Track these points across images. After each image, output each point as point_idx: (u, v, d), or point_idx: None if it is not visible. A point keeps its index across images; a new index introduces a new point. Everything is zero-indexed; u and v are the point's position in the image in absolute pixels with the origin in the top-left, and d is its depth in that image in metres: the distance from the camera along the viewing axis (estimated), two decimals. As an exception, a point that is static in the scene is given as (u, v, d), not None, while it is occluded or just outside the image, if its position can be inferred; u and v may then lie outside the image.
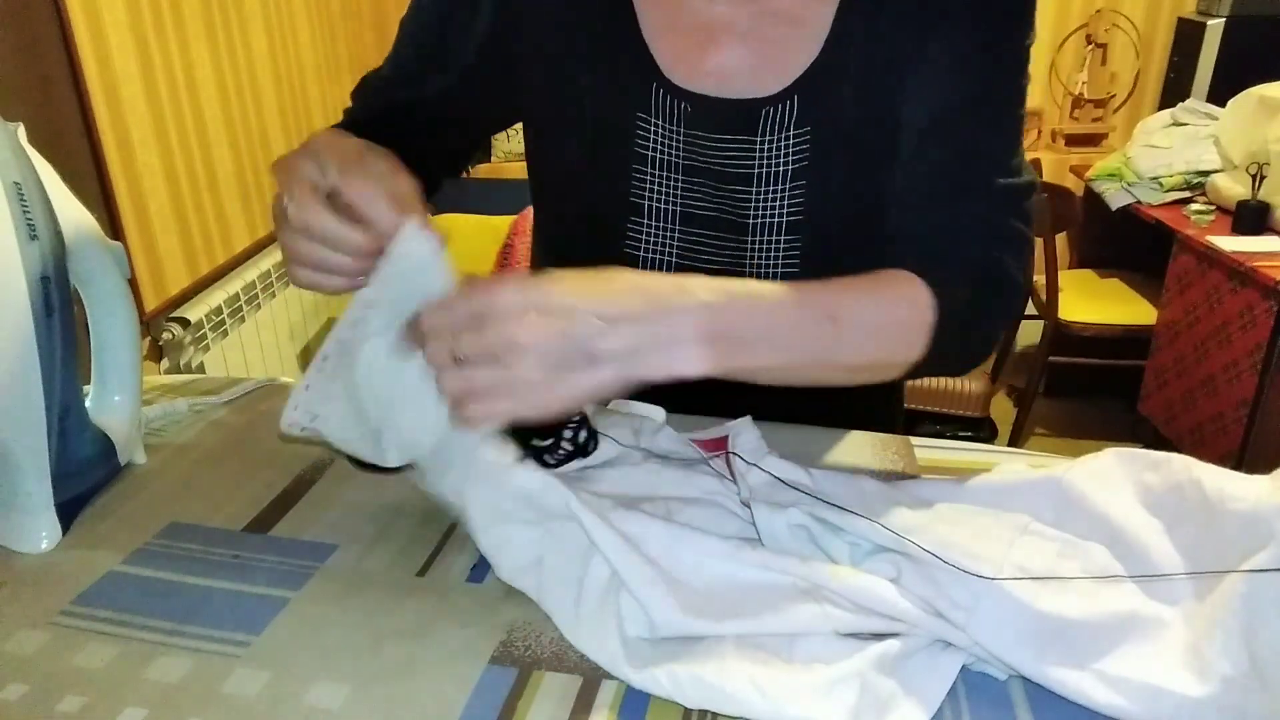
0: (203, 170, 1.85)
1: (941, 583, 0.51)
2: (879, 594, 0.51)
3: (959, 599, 0.50)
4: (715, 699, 0.47)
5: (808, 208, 0.71)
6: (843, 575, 0.52)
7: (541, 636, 0.53)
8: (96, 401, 0.71)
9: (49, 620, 0.55)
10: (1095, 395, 2.74)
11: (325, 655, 0.52)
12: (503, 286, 0.51)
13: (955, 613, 0.49)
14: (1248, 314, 1.94)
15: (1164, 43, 2.87)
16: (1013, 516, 0.56)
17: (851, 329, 0.57)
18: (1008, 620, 0.49)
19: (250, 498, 0.68)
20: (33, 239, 0.59)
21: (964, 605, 0.50)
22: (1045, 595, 0.50)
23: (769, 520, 0.57)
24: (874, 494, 0.60)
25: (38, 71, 1.45)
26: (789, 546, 0.56)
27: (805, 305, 0.57)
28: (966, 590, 0.50)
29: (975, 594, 0.50)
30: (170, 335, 1.74)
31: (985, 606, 0.49)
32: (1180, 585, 0.52)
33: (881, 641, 0.50)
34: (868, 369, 0.61)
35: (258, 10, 2.07)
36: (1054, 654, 0.48)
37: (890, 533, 0.54)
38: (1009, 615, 0.49)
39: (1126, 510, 0.56)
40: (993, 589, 0.50)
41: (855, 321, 0.58)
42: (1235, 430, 2.00)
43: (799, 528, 0.56)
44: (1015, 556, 0.52)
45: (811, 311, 0.57)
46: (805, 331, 0.56)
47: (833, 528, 0.56)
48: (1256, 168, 2.05)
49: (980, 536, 0.54)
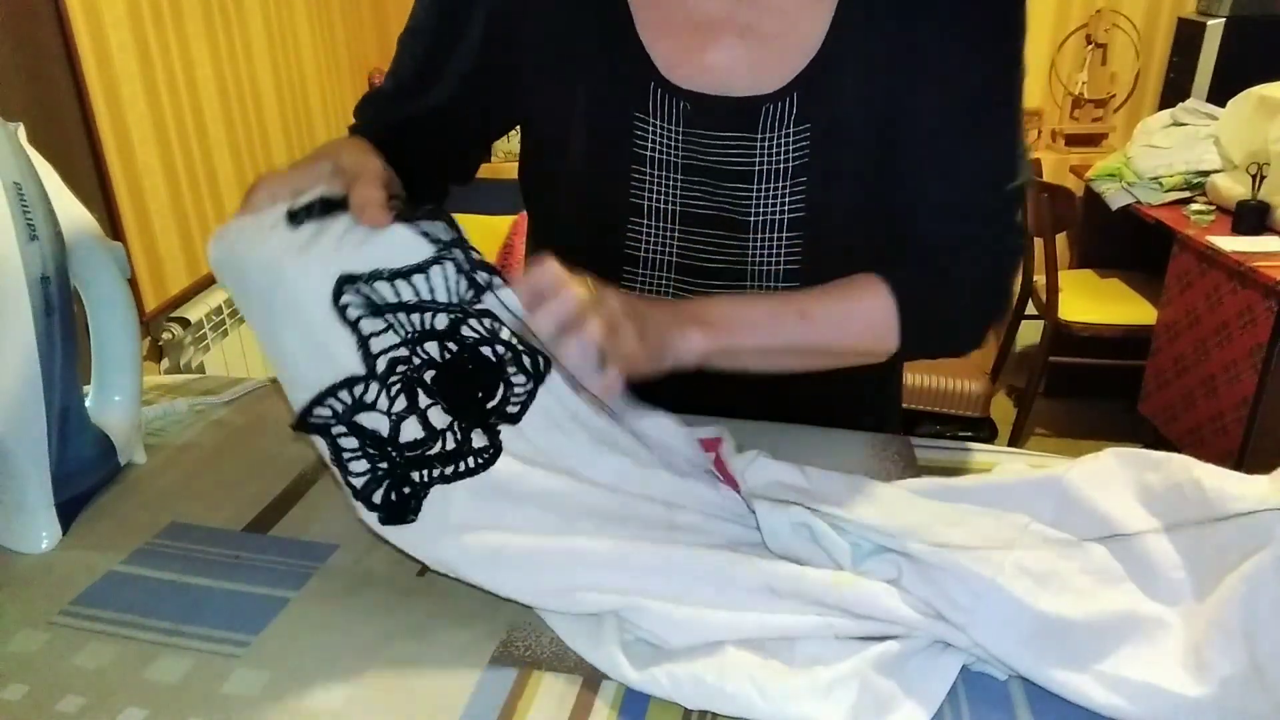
0: (203, 170, 1.85)
1: (941, 583, 0.51)
2: (881, 603, 0.51)
3: (960, 600, 0.50)
4: (715, 699, 0.47)
5: (809, 205, 0.71)
6: (843, 586, 0.52)
7: (541, 636, 0.53)
8: (96, 401, 0.71)
9: (49, 620, 0.55)
10: (1095, 395, 2.74)
11: (325, 655, 0.52)
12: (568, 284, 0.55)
13: (956, 614, 0.49)
14: (1248, 314, 1.94)
15: (1164, 43, 2.86)
16: (1013, 517, 0.56)
17: (822, 323, 0.67)
18: (1008, 621, 0.49)
19: (250, 498, 0.68)
20: (33, 239, 0.59)
21: (964, 606, 0.49)
22: (1045, 596, 0.50)
23: (771, 518, 0.57)
24: (873, 494, 0.60)
25: (38, 71, 1.45)
26: (790, 545, 0.56)
27: (779, 301, 0.69)
28: (967, 591, 0.50)
29: (975, 595, 0.50)
30: (170, 335, 1.74)
31: (985, 607, 0.49)
32: (1180, 586, 0.52)
33: (881, 643, 0.50)
34: (843, 355, 0.70)
35: (258, 10, 2.07)
36: (1054, 655, 0.48)
37: (890, 534, 0.54)
38: (1009, 616, 0.49)
39: (1126, 510, 0.56)
40: (993, 590, 0.50)
41: (823, 316, 0.68)
42: (1235, 430, 1.99)
43: (801, 526, 0.56)
44: (1016, 557, 0.52)
45: (785, 308, 0.67)
46: (781, 321, 0.66)
47: (835, 527, 0.56)
48: (1256, 168, 2.05)
49: (980, 537, 0.54)
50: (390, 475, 0.54)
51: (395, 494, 0.54)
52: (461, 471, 0.55)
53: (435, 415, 0.55)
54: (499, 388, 0.56)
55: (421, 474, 0.54)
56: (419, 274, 0.53)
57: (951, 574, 0.51)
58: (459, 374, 0.55)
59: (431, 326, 0.54)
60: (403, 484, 0.54)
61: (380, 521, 0.54)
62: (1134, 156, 2.43)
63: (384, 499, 0.54)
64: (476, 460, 0.55)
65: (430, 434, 0.55)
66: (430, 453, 0.54)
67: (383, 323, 0.53)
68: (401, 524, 0.54)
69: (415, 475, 0.54)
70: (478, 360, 0.55)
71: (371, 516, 0.54)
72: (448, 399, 0.55)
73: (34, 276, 0.59)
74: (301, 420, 0.53)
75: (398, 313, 0.53)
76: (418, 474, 0.54)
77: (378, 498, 0.54)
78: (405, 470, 0.54)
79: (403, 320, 0.53)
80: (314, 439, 0.54)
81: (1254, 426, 1.94)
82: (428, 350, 0.54)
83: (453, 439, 0.55)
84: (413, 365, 0.54)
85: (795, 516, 0.56)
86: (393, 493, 0.54)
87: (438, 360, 0.54)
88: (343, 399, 0.53)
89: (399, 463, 0.54)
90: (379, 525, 0.54)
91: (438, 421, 0.55)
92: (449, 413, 0.55)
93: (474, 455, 0.55)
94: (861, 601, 0.51)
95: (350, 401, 0.53)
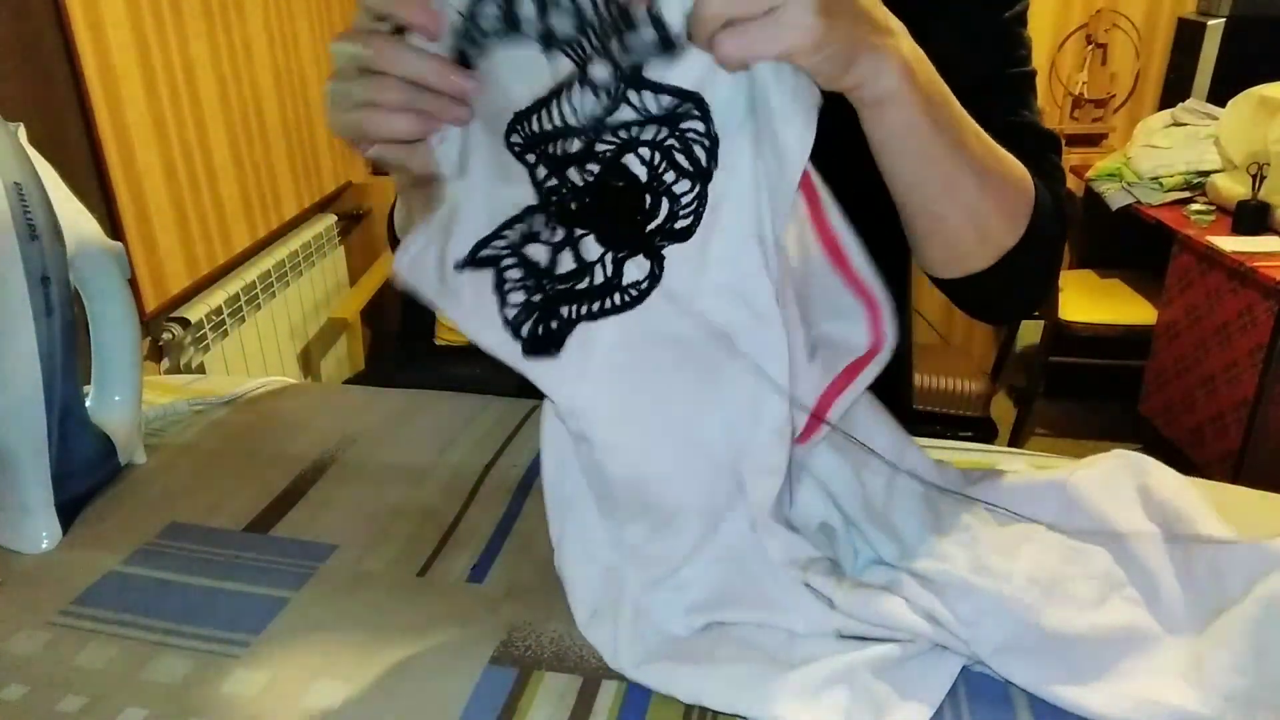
0: (203, 170, 1.85)
1: (945, 596, 0.51)
2: (886, 610, 0.50)
3: (963, 614, 0.50)
4: (709, 693, 0.48)
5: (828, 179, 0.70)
6: (849, 593, 0.52)
7: (541, 636, 0.53)
8: (96, 401, 0.71)
9: (49, 620, 0.55)
10: (1095, 395, 2.74)
11: (325, 655, 0.52)
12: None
13: (959, 628, 0.49)
14: (1248, 314, 1.94)
15: (1164, 43, 2.86)
16: (1020, 526, 0.56)
17: (978, 137, 0.58)
18: (1010, 637, 0.49)
19: (250, 498, 0.68)
20: (33, 239, 0.59)
21: (968, 620, 0.49)
22: (1050, 610, 0.50)
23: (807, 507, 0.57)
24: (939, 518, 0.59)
25: (38, 71, 1.45)
26: (806, 531, 0.56)
27: (956, 106, 0.57)
28: (971, 605, 0.50)
29: (980, 610, 0.50)
30: (170, 335, 1.74)
31: (988, 623, 0.49)
32: (1178, 596, 0.53)
33: (882, 644, 0.50)
34: (989, 189, 0.59)
35: (258, 10, 2.07)
36: (1056, 670, 0.48)
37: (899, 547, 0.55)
38: (1012, 631, 0.49)
39: (1129, 516, 0.57)
40: (997, 606, 0.50)
41: (989, 144, 0.59)
42: (1235, 430, 1.99)
43: (826, 526, 0.56)
44: (1023, 567, 0.52)
45: (960, 114, 0.57)
46: (958, 122, 0.56)
47: (856, 533, 0.56)
48: (1257, 168, 2.05)
49: (986, 546, 0.54)
50: (541, 308, 0.53)
51: (542, 327, 0.53)
52: (608, 308, 0.53)
53: (587, 247, 0.53)
54: (660, 203, 0.52)
55: (570, 309, 0.53)
56: (555, 98, 0.50)
57: (955, 588, 0.51)
58: (607, 197, 0.52)
59: (568, 152, 0.51)
60: (551, 317, 0.53)
61: (524, 352, 0.53)
62: (1134, 157, 2.43)
63: (531, 330, 0.53)
64: (624, 297, 0.53)
65: (581, 266, 0.53)
66: (579, 287, 0.53)
67: (536, 155, 0.51)
68: (544, 357, 0.53)
69: (564, 310, 0.53)
70: (624, 177, 0.51)
71: (515, 348, 0.53)
72: (599, 228, 0.52)
73: (34, 276, 0.59)
74: (473, 254, 0.52)
75: (547, 143, 0.51)
76: (566, 308, 0.53)
77: (525, 329, 0.53)
78: (555, 304, 0.53)
79: (545, 148, 0.51)
80: (471, 275, 0.53)
81: (1254, 426, 1.94)
82: (571, 178, 0.52)
83: (602, 273, 0.53)
84: (563, 195, 0.52)
85: (826, 515, 0.56)
86: (540, 325, 0.53)
87: (581, 186, 0.52)
88: (518, 230, 0.52)
89: (551, 295, 0.53)
90: (521, 358, 0.53)
91: (589, 254, 0.53)
92: (602, 244, 0.53)
93: (622, 292, 0.53)
94: (868, 608, 0.51)
95: (523, 233, 0.52)
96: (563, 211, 0.52)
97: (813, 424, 0.56)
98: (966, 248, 0.62)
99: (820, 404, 0.56)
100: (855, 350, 0.56)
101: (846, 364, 0.56)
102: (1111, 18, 2.84)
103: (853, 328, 0.55)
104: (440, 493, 0.68)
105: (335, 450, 0.75)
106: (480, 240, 0.52)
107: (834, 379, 0.56)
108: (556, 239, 0.53)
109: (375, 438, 0.77)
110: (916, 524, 0.57)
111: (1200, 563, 0.53)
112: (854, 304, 0.55)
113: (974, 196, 0.59)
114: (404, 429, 0.79)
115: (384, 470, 0.72)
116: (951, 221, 0.60)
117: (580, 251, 0.53)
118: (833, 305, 0.55)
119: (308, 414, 0.81)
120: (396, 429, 0.79)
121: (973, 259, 0.63)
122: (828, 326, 0.56)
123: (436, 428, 0.78)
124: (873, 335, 0.55)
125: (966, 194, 0.58)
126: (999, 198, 0.60)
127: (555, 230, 0.53)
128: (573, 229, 0.53)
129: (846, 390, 0.56)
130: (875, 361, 0.56)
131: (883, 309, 0.55)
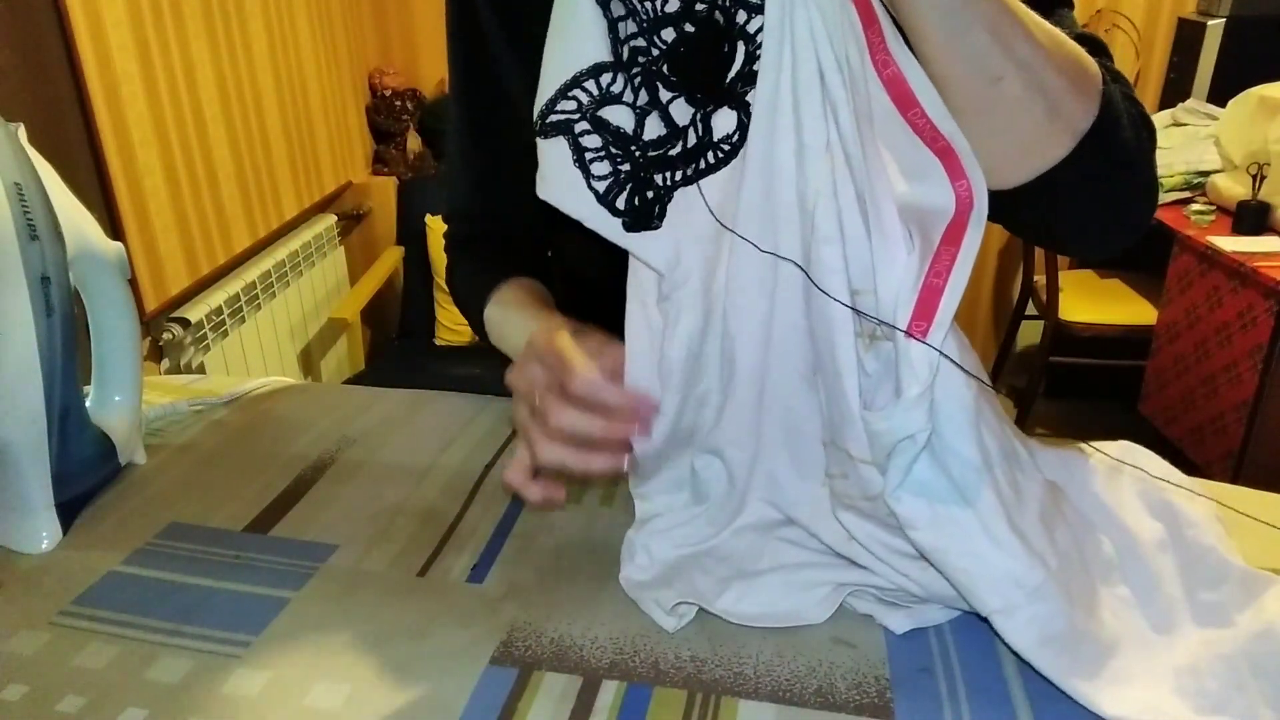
0: (203, 170, 1.85)
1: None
2: (913, 568, 0.52)
3: (991, 603, 0.50)
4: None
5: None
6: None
7: (541, 636, 0.53)
8: (96, 401, 0.71)
9: (49, 620, 0.55)
10: (1095, 395, 2.74)
11: (325, 655, 0.52)
12: None
13: (992, 614, 0.50)
14: (1248, 314, 1.94)
15: (1164, 43, 2.86)
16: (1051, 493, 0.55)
17: (1037, 22, 0.49)
18: (1037, 622, 0.49)
19: (250, 498, 0.68)
20: (33, 239, 0.59)
21: (997, 609, 0.49)
22: (1075, 607, 0.50)
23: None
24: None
25: (38, 71, 1.45)
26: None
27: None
28: (1000, 596, 0.50)
29: (1016, 590, 0.49)
30: (170, 335, 1.74)
31: (1025, 606, 0.49)
32: (1177, 601, 0.53)
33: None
34: (1055, 48, 0.50)
35: (258, 10, 2.07)
36: (1066, 661, 0.48)
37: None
38: (1045, 617, 0.49)
39: (1135, 516, 0.57)
40: (1033, 595, 0.49)
41: (1036, 19, 0.49)
42: (1235, 430, 1.99)
43: (853, 541, 0.55)
44: (1057, 543, 0.52)
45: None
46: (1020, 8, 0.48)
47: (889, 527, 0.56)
48: (1257, 168, 2.05)
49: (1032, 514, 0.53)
50: (633, 178, 0.51)
51: (639, 198, 0.51)
52: (703, 169, 0.51)
53: (677, 110, 0.51)
54: (738, 46, 0.49)
55: (664, 176, 0.51)
56: None
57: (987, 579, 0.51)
58: (696, 51, 0.50)
59: (664, 11, 0.49)
60: (646, 187, 0.51)
61: (625, 228, 0.51)
62: (1134, 157, 2.43)
63: (628, 203, 0.51)
64: (716, 154, 0.51)
65: (672, 131, 0.51)
66: (672, 153, 0.51)
67: (623, 7, 0.49)
68: (646, 230, 0.51)
69: (658, 178, 0.51)
70: (712, 29, 0.49)
71: (615, 223, 0.51)
72: (688, 86, 0.50)
73: (34, 276, 0.59)
74: (543, 118, 0.50)
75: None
76: (660, 176, 0.51)
77: (621, 202, 0.51)
78: (649, 172, 0.51)
79: (639, 6, 0.49)
80: (555, 143, 0.51)
81: (1254, 426, 1.94)
82: (664, 38, 0.50)
83: (694, 135, 0.51)
84: (651, 56, 0.50)
85: (866, 532, 0.55)
86: (636, 197, 0.51)
87: (670, 44, 0.50)
88: (589, 89, 0.50)
89: (641, 163, 0.51)
90: (622, 234, 0.51)
91: (680, 117, 0.51)
92: (692, 103, 0.51)
93: (714, 149, 0.51)
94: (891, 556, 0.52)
95: (597, 93, 0.50)
96: (650, 74, 0.50)
97: (921, 307, 0.48)
98: (1035, 122, 0.51)
99: (926, 292, 0.47)
100: (943, 214, 0.46)
101: (941, 233, 0.46)
102: (1111, 18, 2.84)
103: (933, 189, 0.46)
104: (440, 493, 0.68)
105: (335, 450, 0.75)
106: (548, 101, 0.50)
107: (933, 256, 0.47)
108: (641, 101, 0.50)
109: (375, 438, 0.77)
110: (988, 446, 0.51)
111: (1203, 566, 0.53)
112: (929, 159, 0.46)
113: (1030, 51, 0.49)
114: (404, 429, 0.79)
115: (384, 470, 0.72)
116: (1011, 82, 0.49)
117: (670, 114, 0.51)
118: (907, 162, 0.47)
119: (308, 414, 0.81)
120: (396, 429, 0.79)
121: (1048, 142, 0.52)
122: (906, 190, 0.47)
123: (436, 428, 0.78)
124: (957, 189, 0.46)
125: (1021, 47, 0.49)
126: (1061, 57, 0.51)
127: (639, 92, 0.50)
128: (657, 91, 0.50)
129: (955, 267, 0.46)
130: (973, 221, 0.46)
131: (962, 156, 0.45)
